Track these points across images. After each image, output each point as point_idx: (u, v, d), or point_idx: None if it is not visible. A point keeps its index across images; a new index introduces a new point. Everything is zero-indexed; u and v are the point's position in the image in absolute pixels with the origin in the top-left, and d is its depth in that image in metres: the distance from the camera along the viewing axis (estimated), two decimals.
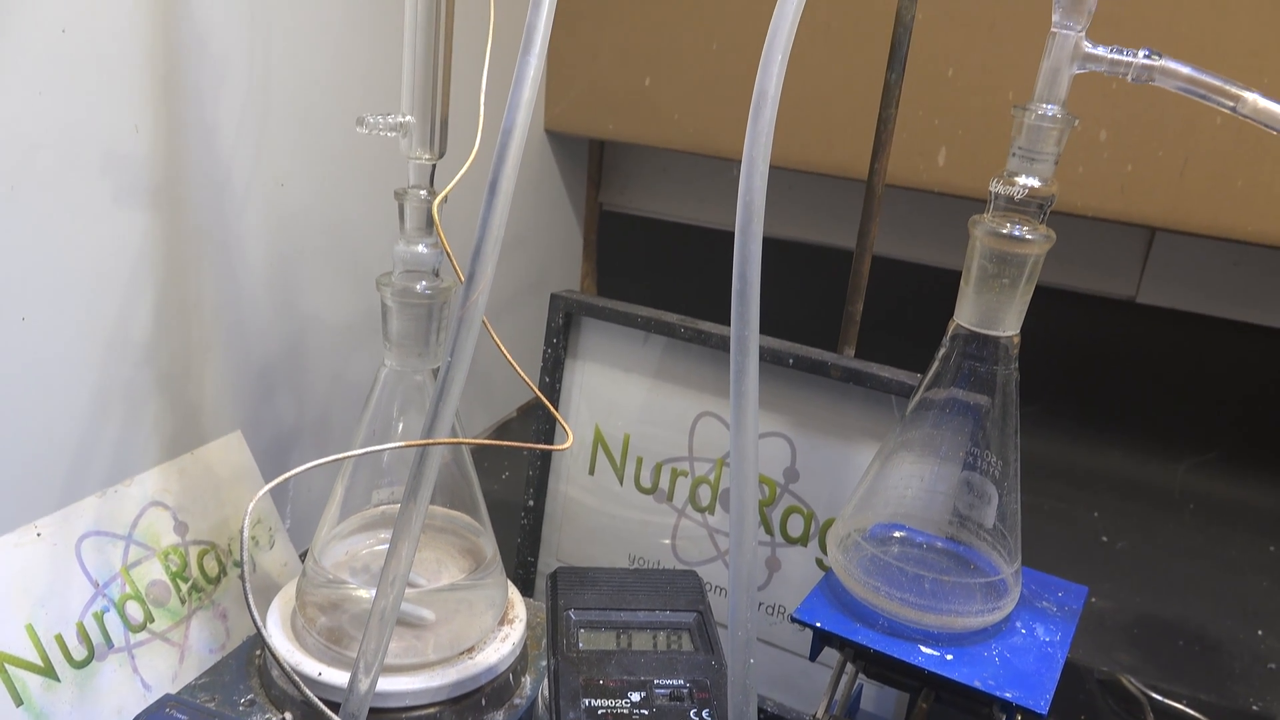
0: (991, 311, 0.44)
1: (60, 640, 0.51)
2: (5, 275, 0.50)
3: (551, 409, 0.49)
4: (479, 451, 0.90)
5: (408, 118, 0.49)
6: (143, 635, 0.55)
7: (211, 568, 0.60)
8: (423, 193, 0.51)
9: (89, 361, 0.56)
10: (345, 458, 0.50)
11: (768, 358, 0.62)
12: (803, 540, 0.64)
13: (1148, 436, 1.03)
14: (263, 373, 0.69)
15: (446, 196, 0.49)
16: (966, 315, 0.45)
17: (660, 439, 0.68)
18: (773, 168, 0.39)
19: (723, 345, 0.63)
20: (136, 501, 0.57)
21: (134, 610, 0.55)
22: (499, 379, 1.02)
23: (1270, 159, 0.76)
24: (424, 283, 0.51)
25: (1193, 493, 0.99)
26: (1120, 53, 0.39)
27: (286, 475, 0.42)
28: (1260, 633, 0.80)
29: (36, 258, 0.52)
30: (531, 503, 0.72)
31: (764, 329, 0.45)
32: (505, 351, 0.49)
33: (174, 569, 0.58)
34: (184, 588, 0.58)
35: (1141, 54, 0.39)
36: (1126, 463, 1.03)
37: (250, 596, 0.41)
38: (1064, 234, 0.91)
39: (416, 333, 0.52)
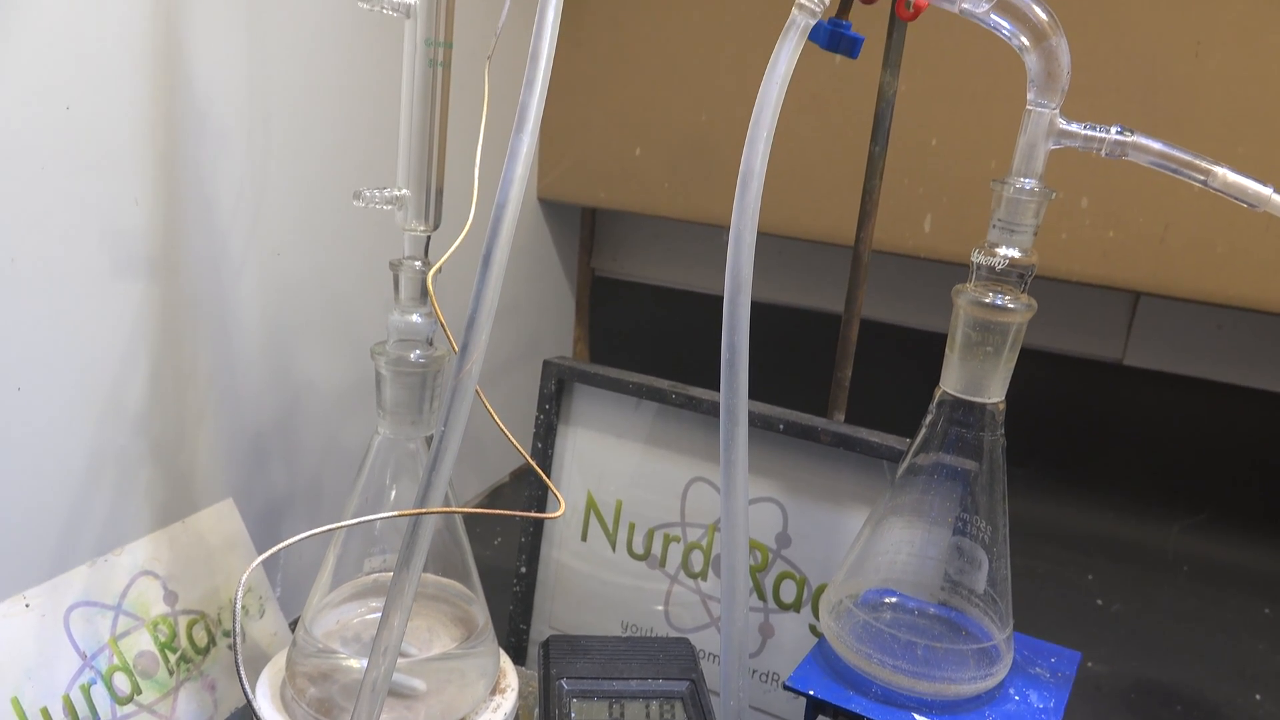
0: (976, 378, 0.45)
1: (46, 714, 0.51)
2: (2, 345, 0.51)
3: (544, 477, 0.49)
4: (471, 517, 0.90)
5: (403, 191, 0.50)
6: (130, 708, 0.55)
7: (201, 638, 0.60)
8: (417, 263, 0.51)
9: (83, 430, 0.56)
10: (338, 528, 0.50)
11: (758, 423, 0.63)
12: (796, 606, 0.64)
13: (1139, 498, 1.03)
14: (256, 440, 0.70)
15: (441, 267, 0.50)
16: (952, 382, 0.45)
17: (652, 504, 0.68)
18: (762, 234, 0.40)
19: (714, 411, 0.64)
20: (126, 571, 0.57)
21: (121, 682, 0.55)
22: (491, 444, 1.02)
23: (1249, 225, 0.78)
24: (418, 351, 0.52)
25: (1186, 554, 0.99)
26: (1093, 129, 0.40)
27: (279, 547, 0.42)
28: (1258, 697, 0.80)
29: (34, 327, 0.52)
30: (524, 569, 0.72)
31: (754, 393, 0.46)
32: (498, 420, 0.49)
33: (163, 639, 0.57)
34: (172, 659, 0.58)
35: (1114, 130, 0.40)
36: (1119, 524, 1.03)
37: (241, 668, 0.41)
38: (1050, 298, 0.93)
39: (410, 401, 0.53)
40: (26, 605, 0.51)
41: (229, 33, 0.60)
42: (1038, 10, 0.39)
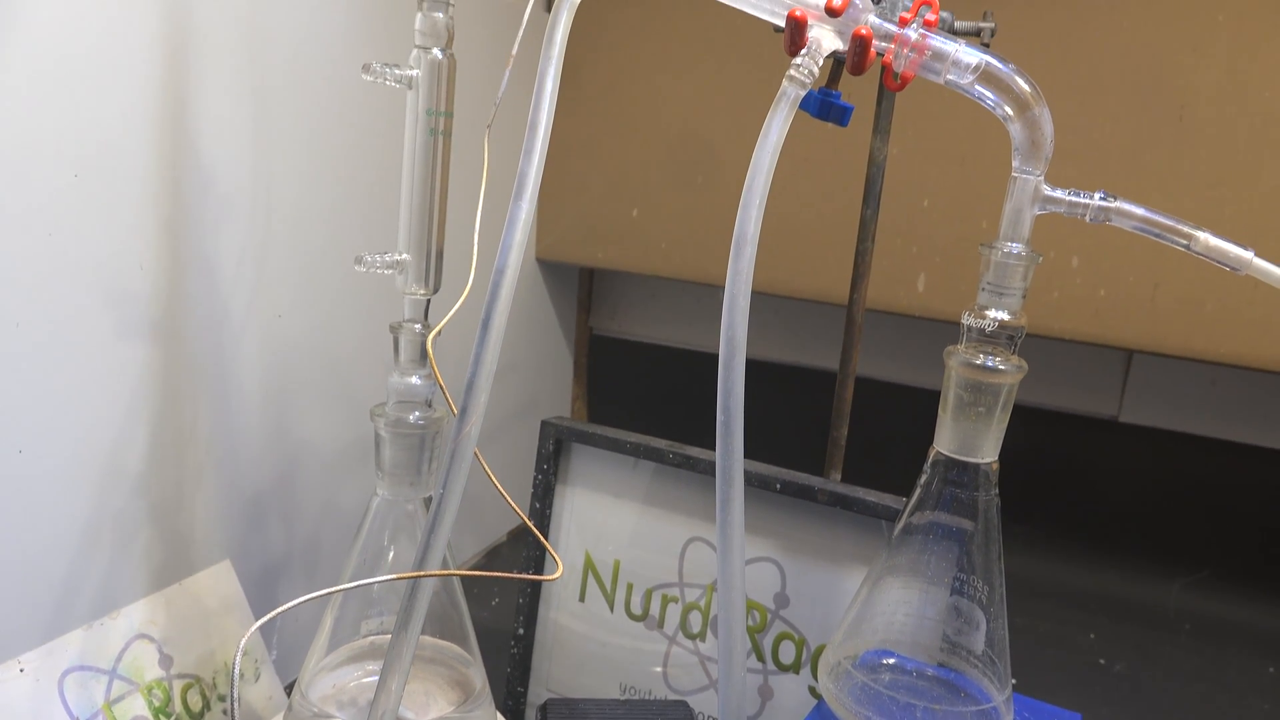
0: (969, 439, 0.45)
1: None
2: (5, 408, 0.51)
3: (542, 539, 0.49)
4: (469, 578, 0.89)
5: (404, 256, 0.51)
6: None
7: (195, 702, 0.59)
8: (417, 326, 0.52)
9: (82, 493, 0.56)
10: (337, 591, 0.50)
11: (755, 482, 0.63)
12: (795, 667, 0.64)
13: (1138, 555, 1.03)
14: (254, 500, 0.70)
15: (440, 330, 0.51)
16: (946, 442, 0.46)
17: (650, 564, 0.68)
18: (757, 293, 0.41)
19: (711, 471, 0.64)
20: (122, 634, 0.57)
21: None
22: (489, 503, 1.02)
23: (1237, 284, 0.79)
24: (417, 413, 0.53)
25: (1187, 612, 0.99)
26: (1077, 195, 0.41)
27: (276, 612, 0.42)
28: None
29: (37, 390, 0.53)
30: (521, 631, 0.71)
31: (751, 451, 0.47)
32: (496, 483, 0.49)
33: (157, 704, 0.57)
34: None
35: (1097, 196, 0.41)
36: (1119, 582, 1.02)
37: None
38: (1045, 356, 0.94)
39: (409, 462, 0.53)
40: (21, 669, 0.51)
41: (235, 102, 0.62)
42: (1020, 82, 0.40)
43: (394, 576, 0.44)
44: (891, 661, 0.51)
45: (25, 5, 0.49)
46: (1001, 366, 0.43)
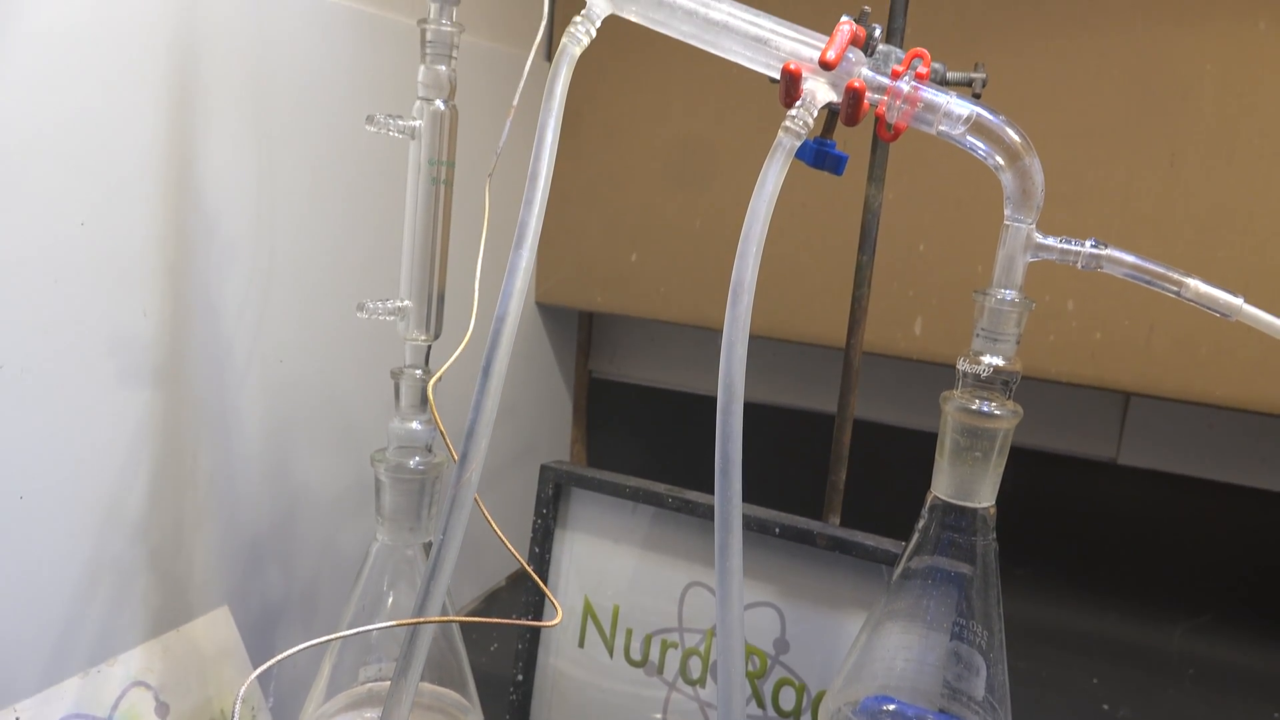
0: (966, 484, 0.45)
1: None
2: (7, 453, 0.51)
3: (542, 585, 0.49)
4: (468, 624, 0.89)
5: (406, 302, 0.52)
6: None
7: None
8: (418, 372, 0.53)
9: (82, 539, 0.56)
10: (335, 639, 0.50)
11: (754, 526, 0.63)
12: (795, 714, 0.63)
13: (1140, 599, 1.03)
14: (253, 545, 0.70)
15: (441, 376, 0.51)
16: (943, 487, 0.46)
17: (650, 609, 0.68)
18: (755, 336, 0.42)
19: (710, 515, 0.64)
20: (119, 682, 0.56)
21: None
22: (488, 548, 1.02)
23: (1232, 326, 0.79)
24: (417, 458, 0.53)
25: (1191, 657, 0.98)
26: (1069, 243, 0.42)
27: (274, 660, 0.42)
28: None
29: (39, 436, 0.53)
30: (520, 677, 0.71)
31: (751, 494, 0.47)
32: (496, 528, 0.50)
33: None
34: None
35: (1089, 244, 0.42)
36: (1122, 626, 1.02)
37: None
38: (1043, 398, 0.94)
39: (409, 507, 0.53)
40: (17, 718, 0.51)
41: (240, 150, 0.63)
42: (1010, 132, 0.41)
43: (393, 623, 0.44)
44: (892, 708, 0.51)
45: (34, 56, 0.50)
46: (997, 412, 0.44)
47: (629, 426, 1.21)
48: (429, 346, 0.53)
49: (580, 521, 0.71)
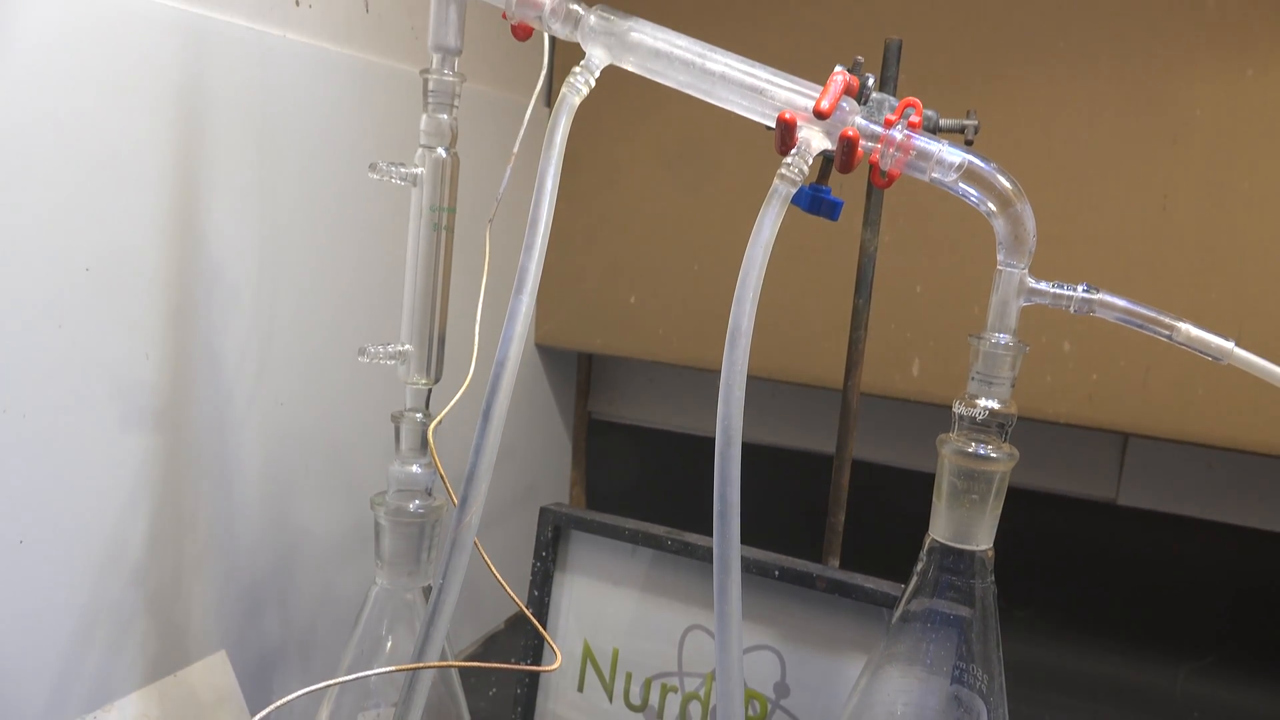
0: (964, 526, 0.45)
1: None
2: (8, 498, 0.52)
3: (541, 630, 0.49)
4: (467, 667, 0.88)
5: (406, 346, 0.52)
6: None
7: None
8: (419, 415, 0.53)
9: (81, 584, 0.56)
10: (334, 684, 0.50)
11: (753, 569, 0.63)
12: None
13: (1142, 641, 1.02)
14: (251, 589, 0.69)
15: (441, 420, 0.52)
16: (941, 530, 0.46)
17: (649, 653, 0.68)
18: (753, 378, 0.42)
19: (709, 558, 0.64)
20: None
21: None
22: (487, 590, 1.01)
23: (1228, 368, 0.80)
24: (417, 502, 0.53)
25: (1195, 699, 0.97)
26: (1061, 287, 0.42)
27: (272, 707, 0.42)
28: None
29: (41, 480, 0.53)
30: None
31: (750, 535, 0.47)
32: (495, 572, 0.50)
33: None
34: None
35: (1080, 288, 0.42)
36: (1125, 668, 1.01)
37: None
38: (1042, 439, 0.95)
39: (408, 551, 0.53)
40: None
41: (244, 198, 0.64)
42: (1001, 180, 0.42)
43: (393, 669, 0.44)
44: None
45: (44, 106, 0.51)
46: (993, 454, 0.44)
47: (628, 467, 1.21)
48: (429, 390, 0.54)
49: (579, 564, 0.71)
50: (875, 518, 0.90)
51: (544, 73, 0.54)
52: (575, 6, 0.46)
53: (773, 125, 0.44)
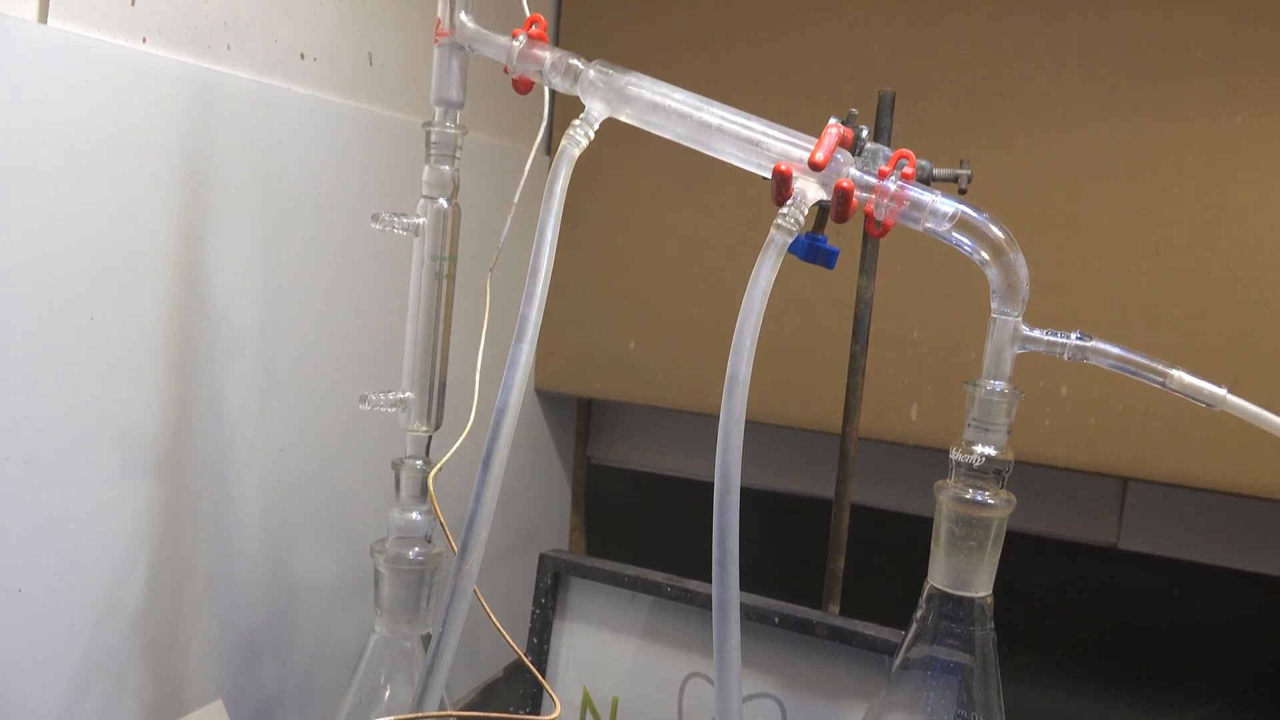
0: (963, 573, 0.45)
1: None
2: (8, 546, 0.52)
3: (540, 678, 0.49)
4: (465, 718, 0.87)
5: (407, 394, 0.53)
6: None
7: None
8: (419, 463, 0.53)
9: (79, 632, 0.56)
10: None
11: (753, 616, 0.63)
12: None
13: (1147, 687, 1.01)
14: (249, 637, 0.69)
15: (441, 467, 0.52)
16: (939, 577, 0.46)
17: (650, 701, 0.67)
18: (752, 422, 0.42)
19: (709, 604, 0.64)
20: None
21: None
22: (486, 638, 1.01)
23: (1223, 412, 0.80)
24: (416, 549, 0.53)
25: None
26: (1055, 335, 0.43)
27: None
28: None
29: (40, 528, 0.53)
30: None
31: (749, 580, 0.47)
32: (495, 620, 0.49)
33: None
34: None
35: (1074, 336, 0.43)
36: (1129, 715, 1.00)
37: None
38: (1042, 484, 0.95)
39: (408, 599, 0.53)
40: None
41: (248, 248, 0.64)
42: (994, 229, 0.42)
43: (392, 719, 0.44)
44: None
45: (50, 156, 0.51)
46: (991, 501, 0.44)
47: (628, 512, 1.21)
48: (430, 437, 0.54)
49: (579, 611, 0.70)
50: (875, 563, 0.89)
51: (544, 123, 0.55)
52: (575, 61, 0.47)
53: (769, 176, 0.44)
